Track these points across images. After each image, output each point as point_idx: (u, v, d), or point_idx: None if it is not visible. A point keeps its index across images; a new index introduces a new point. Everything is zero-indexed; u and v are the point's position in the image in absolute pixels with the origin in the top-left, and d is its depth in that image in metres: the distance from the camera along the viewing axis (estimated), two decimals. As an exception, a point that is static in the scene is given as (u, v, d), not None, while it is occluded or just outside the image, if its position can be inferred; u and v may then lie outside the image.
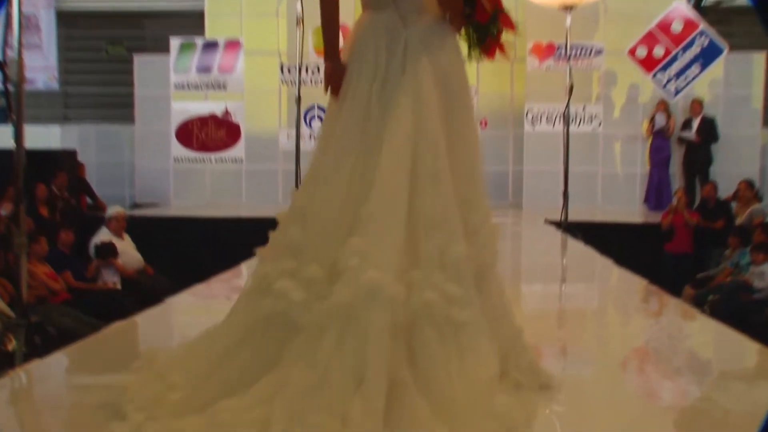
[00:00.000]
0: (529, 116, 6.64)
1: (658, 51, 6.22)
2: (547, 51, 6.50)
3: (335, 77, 1.56)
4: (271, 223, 1.59)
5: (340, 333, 1.37)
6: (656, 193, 6.74)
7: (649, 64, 6.23)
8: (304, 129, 6.35)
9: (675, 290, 3.81)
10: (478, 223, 1.63)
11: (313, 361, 1.36)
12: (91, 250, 4.92)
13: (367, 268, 1.41)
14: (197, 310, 2.72)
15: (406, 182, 1.50)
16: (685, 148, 6.65)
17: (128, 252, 5.07)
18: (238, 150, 6.89)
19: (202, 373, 1.45)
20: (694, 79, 6.19)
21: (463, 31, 1.60)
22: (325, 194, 1.51)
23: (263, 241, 1.58)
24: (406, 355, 1.40)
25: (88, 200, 6.66)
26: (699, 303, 4.44)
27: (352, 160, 1.51)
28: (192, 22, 7.07)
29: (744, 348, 2.09)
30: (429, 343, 1.43)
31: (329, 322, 1.39)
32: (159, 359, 1.58)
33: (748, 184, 5.88)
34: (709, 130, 6.47)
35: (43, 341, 2.67)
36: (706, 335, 2.36)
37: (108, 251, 4.81)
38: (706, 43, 6.18)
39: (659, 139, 6.72)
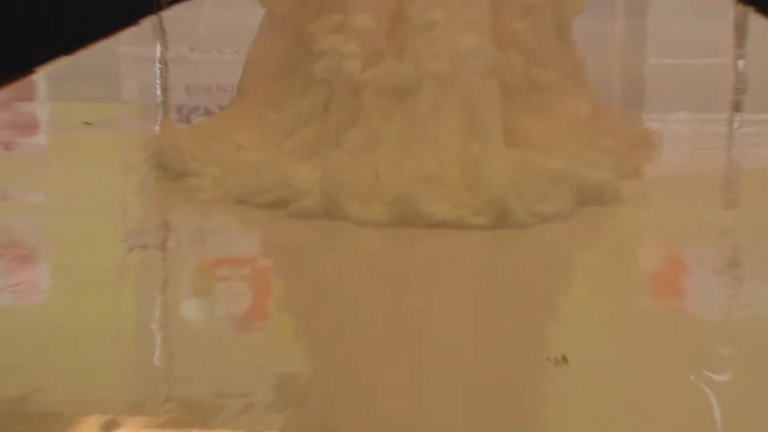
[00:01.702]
0: None
1: None
2: None
3: None
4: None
5: (434, 99, 2.28)
6: None
7: None
8: None
9: None
10: None
11: (409, 120, 2.29)
12: None
13: (458, 27, 2.32)
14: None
15: None
16: None
17: None
18: None
19: (273, 140, 2.43)
20: None
21: None
22: None
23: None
24: None
25: None
26: None
27: None
28: None
29: None
30: (508, 109, 2.35)
31: (416, 86, 2.29)
32: (209, 122, 2.79)
33: None
34: None
35: None
36: None
37: None
38: None
39: None
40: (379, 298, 1.97)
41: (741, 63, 4.31)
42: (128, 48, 4.33)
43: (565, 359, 1.63)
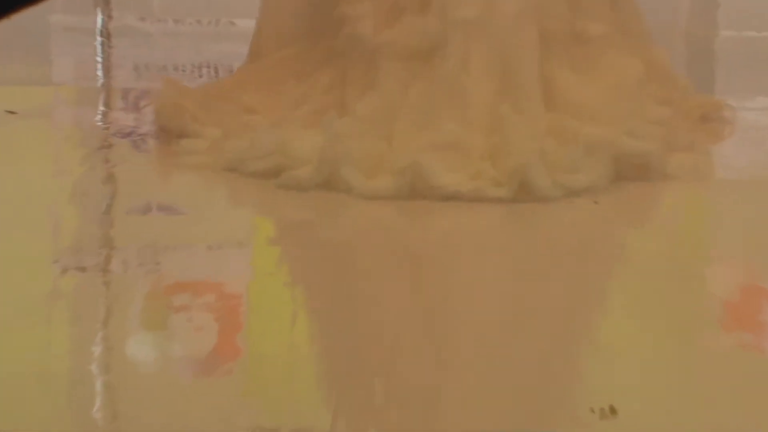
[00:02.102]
0: None
1: None
2: None
3: None
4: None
5: (463, 52, 2.54)
6: None
7: None
8: None
9: None
10: None
11: (433, 81, 2.54)
12: None
13: None
14: None
15: None
16: None
17: None
18: None
19: (284, 102, 2.75)
20: None
21: None
22: None
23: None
24: None
25: None
26: None
27: None
28: None
29: None
30: (546, 62, 2.62)
31: (441, 41, 2.56)
32: (217, 84, 3.22)
33: None
34: None
35: None
36: None
37: None
38: None
39: None
40: (381, 290, 2.08)
41: None
42: (61, 17, 4.32)
43: (613, 410, 1.63)
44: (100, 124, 3.13)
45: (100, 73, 3.80)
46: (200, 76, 3.60)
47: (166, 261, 2.25)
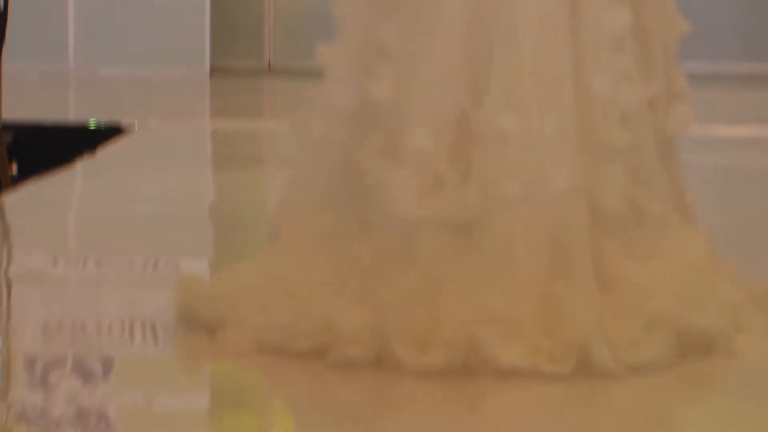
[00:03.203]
0: None
1: None
2: None
3: None
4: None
5: (507, 230, 3.03)
6: None
7: None
8: None
9: None
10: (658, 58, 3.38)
11: (476, 258, 3.04)
12: None
13: (537, 138, 3.02)
14: None
15: None
16: None
17: None
18: None
19: (323, 283, 3.24)
20: None
21: None
22: (417, 25, 3.21)
23: None
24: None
25: None
26: None
27: None
28: None
29: None
30: (600, 246, 3.08)
31: (482, 215, 3.04)
32: (243, 268, 3.65)
33: None
34: None
35: None
36: None
37: None
38: None
39: None
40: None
41: None
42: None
43: None
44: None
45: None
46: (132, 338, 3.55)
47: None
